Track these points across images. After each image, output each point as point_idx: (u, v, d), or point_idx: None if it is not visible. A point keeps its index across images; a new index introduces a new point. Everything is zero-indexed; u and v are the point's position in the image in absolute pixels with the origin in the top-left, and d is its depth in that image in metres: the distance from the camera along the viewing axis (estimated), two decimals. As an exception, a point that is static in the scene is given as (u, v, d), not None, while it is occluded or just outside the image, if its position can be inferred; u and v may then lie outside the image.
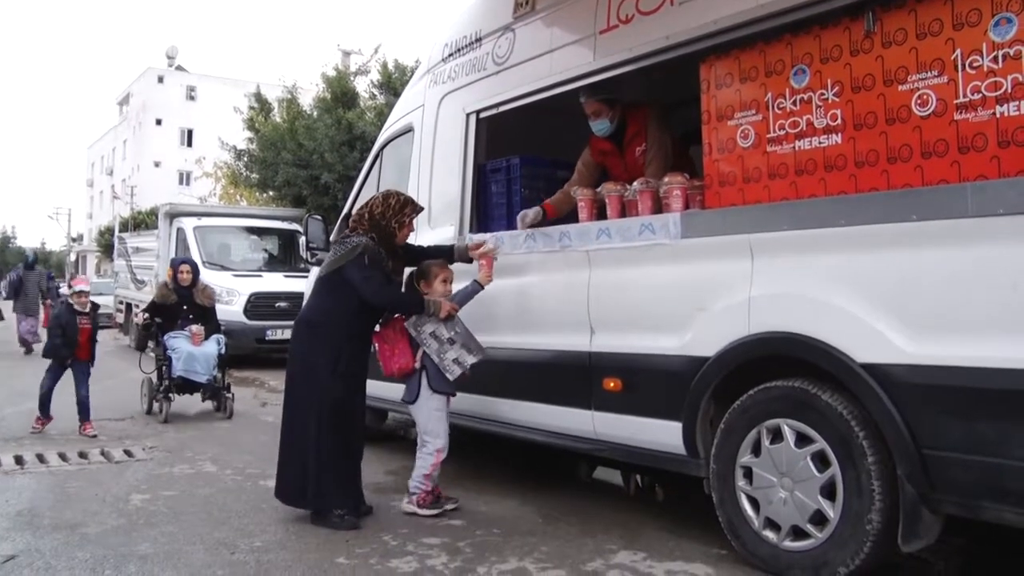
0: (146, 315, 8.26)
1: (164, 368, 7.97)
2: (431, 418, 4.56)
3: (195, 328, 8.01)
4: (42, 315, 14.96)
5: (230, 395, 8.19)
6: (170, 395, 7.88)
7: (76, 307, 7.20)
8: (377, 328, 4.64)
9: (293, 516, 4.41)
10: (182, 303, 8.19)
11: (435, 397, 4.56)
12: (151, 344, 8.68)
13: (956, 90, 2.91)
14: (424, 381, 4.55)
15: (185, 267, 8.31)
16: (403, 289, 4.76)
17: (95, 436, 6.83)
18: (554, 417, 4.50)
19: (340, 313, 4.40)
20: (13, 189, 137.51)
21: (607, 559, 3.73)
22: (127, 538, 4.09)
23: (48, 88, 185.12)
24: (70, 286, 7.95)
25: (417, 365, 4.57)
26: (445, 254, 4.83)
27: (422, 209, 4.79)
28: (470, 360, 4.52)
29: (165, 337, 8.05)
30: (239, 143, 21.39)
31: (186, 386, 7.94)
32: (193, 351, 7.83)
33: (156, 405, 7.99)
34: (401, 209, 4.54)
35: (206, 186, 31.32)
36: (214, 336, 8.19)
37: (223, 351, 8.17)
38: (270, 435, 7.25)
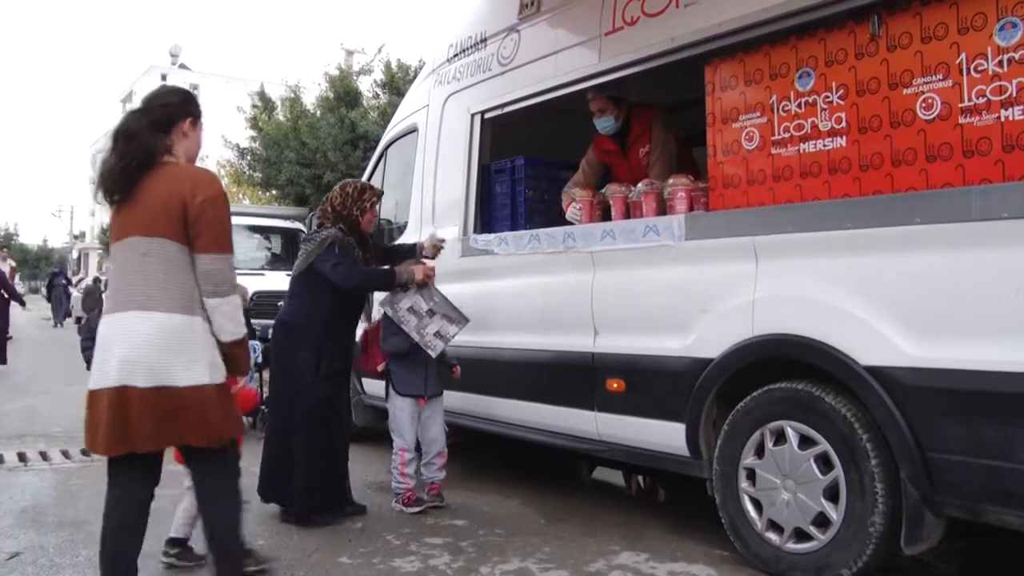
0: None
1: None
2: (395, 418, 4.61)
3: None
4: None
5: (266, 409, 7.14)
6: None
7: None
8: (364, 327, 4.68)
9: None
10: None
11: (398, 398, 4.59)
12: None
13: (961, 94, 2.92)
14: (391, 383, 4.61)
15: None
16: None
17: None
18: (557, 417, 4.51)
19: (317, 313, 4.36)
20: (16, 186, 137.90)
21: (609, 560, 3.73)
22: (131, 536, 4.09)
23: (52, 86, 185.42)
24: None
25: (380, 368, 4.62)
26: (410, 251, 4.84)
27: (382, 193, 4.79)
28: (452, 330, 4.46)
29: None
30: (242, 141, 21.42)
31: None
32: None
33: None
34: (360, 195, 4.53)
35: (209, 184, 31.32)
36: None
37: (259, 359, 7.11)
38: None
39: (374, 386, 5.64)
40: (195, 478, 3.13)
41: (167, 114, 3.00)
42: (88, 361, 6.51)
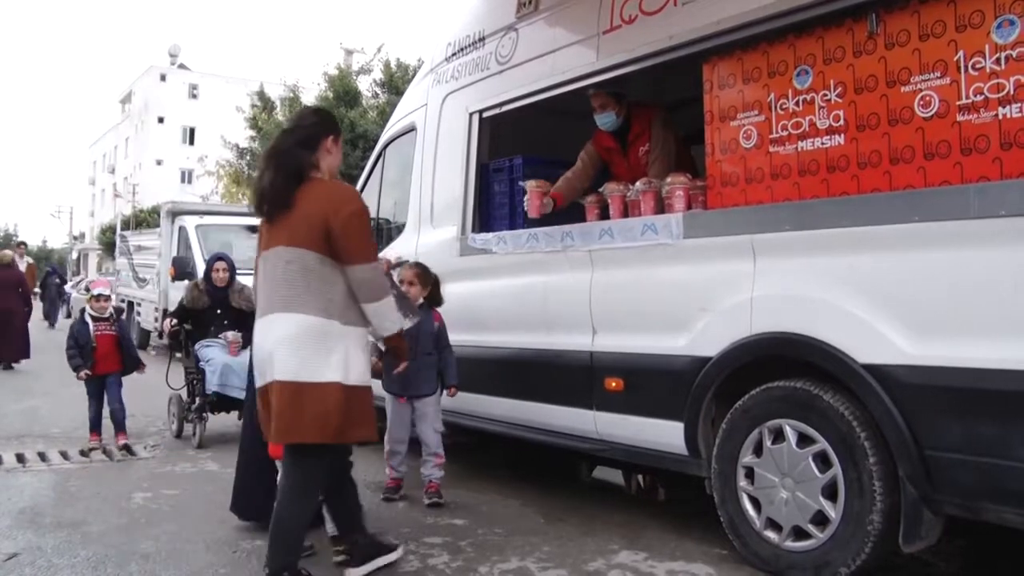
0: (173, 321, 6.87)
1: (196, 383, 6.72)
2: (387, 411, 4.82)
3: (231, 335, 6.65)
4: None
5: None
6: (204, 414, 6.61)
7: (93, 313, 6.39)
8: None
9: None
10: (216, 307, 6.82)
11: (385, 392, 4.74)
12: (177, 355, 7.24)
13: (959, 92, 2.92)
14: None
15: (221, 264, 6.85)
16: None
17: (124, 447, 6.23)
18: (556, 417, 4.51)
19: None
20: (16, 187, 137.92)
21: (608, 559, 3.73)
22: (129, 536, 4.09)
23: (51, 86, 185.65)
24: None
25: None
26: None
27: None
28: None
29: (196, 347, 6.74)
30: (241, 141, 21.44)
31: (222, 403, 6.63)
32: (230, 362, 6.47)
33: (189, 427, 6.71)
34: None
35: (208, 184, 31.43)
36: None
37: None
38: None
39: (374, 386, 5.64)
40: (284, 469, 3.34)
41: (312, 133, 3.28)
42: (76, 369, 6.23)
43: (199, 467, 5.80)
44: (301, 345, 3.08)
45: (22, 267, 14.83)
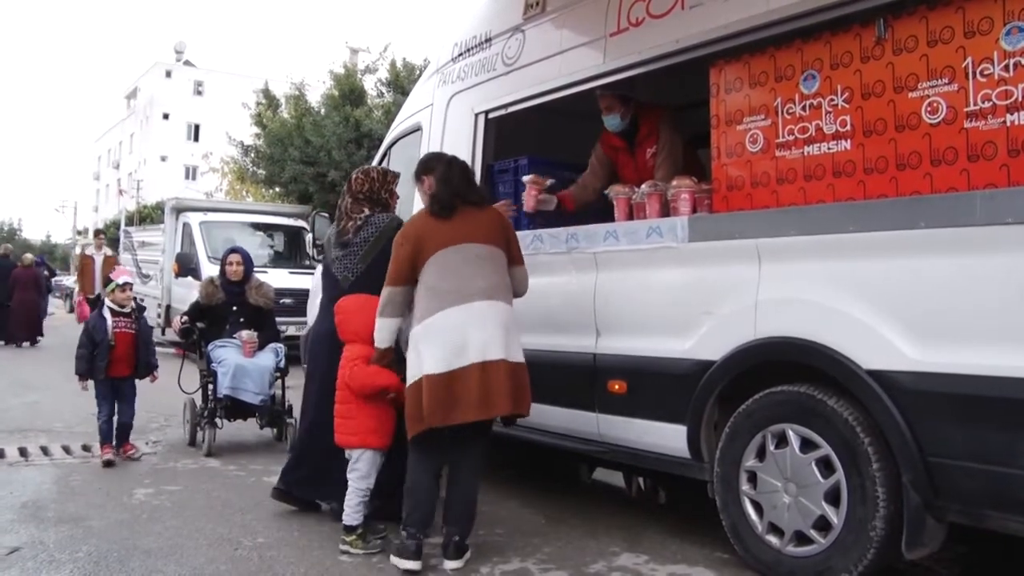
0: (184, 318, 6.45)
1: (209, 386, 6.31)
2: None
3: (246, 335, 6.23)
4: None
5: (292, 419, 6.12)
6: (216, 420, 6.18)
7: (113, 306, 5.88)
8: None
9: (296, 513, 4.42)
10: (231, 303, 6.40)
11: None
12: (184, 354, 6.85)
13: (966, 98, 2.91)
14: None
15: (235, 257, 6.41)
16: None
17: (139, 458, 5.87)
18: (558, 418, 4.50)
19: None
20: (20, 182, 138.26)
21: (609, 561, 3.73)
22: (130, 532, 4.10)
23: (56, 82, 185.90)
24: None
25: None
26: None
27: (399, 175, 4.70)
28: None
29: (210, 347, 6.29)
30: (246, 139, 21.45)
31: (236, 408, 6.16)
32: (244, 364, 6.06)
33: (200, 433, 6.28)
34: (385, 178, 4.51)
35: (212, 181, 31.48)
36: (271, 345, 6.37)
37: (282, 363, 6.36)
38: (273, 430, 6.62)
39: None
40: (460, 449, 3.71)
41: (472, 175, 4.08)
42: (79, 373, 5.85)
43: (201, 464, 5.80)
44: (509, 329, 3.64)
45: (98, 260, 14.82)
